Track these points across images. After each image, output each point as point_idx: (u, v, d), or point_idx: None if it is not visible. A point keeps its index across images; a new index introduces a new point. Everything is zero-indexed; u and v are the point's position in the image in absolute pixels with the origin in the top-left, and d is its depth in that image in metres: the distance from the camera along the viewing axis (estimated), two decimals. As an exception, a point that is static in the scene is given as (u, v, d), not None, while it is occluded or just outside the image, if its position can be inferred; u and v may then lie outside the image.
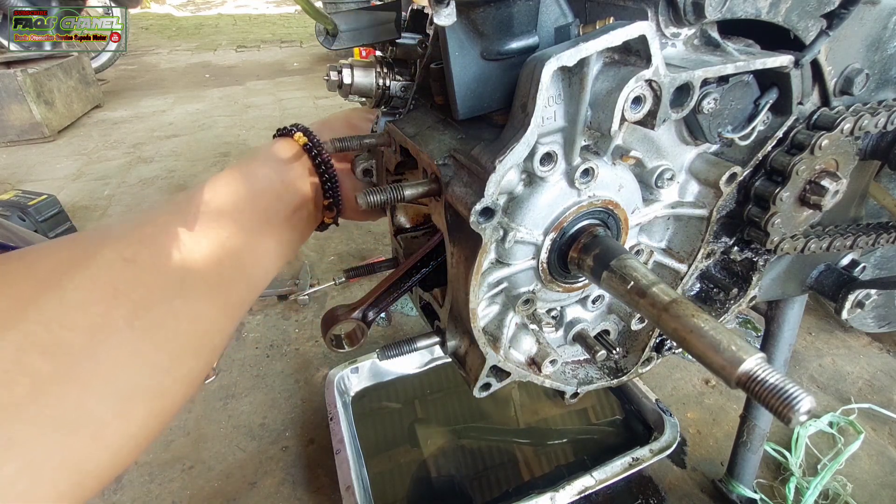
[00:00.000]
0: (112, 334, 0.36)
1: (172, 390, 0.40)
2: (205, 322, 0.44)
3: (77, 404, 0.33)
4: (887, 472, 1.30)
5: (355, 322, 0.53)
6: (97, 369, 0.34)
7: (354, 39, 0.66)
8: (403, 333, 1.82)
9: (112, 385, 0.35)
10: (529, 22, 0.47)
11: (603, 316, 0.64)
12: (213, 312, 0.45)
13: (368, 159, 0.67)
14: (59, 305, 0.34)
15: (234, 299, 0.48)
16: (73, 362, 0.33)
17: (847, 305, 0.75)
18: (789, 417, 0.30)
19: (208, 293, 0.44)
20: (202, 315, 0.44)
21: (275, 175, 0.57)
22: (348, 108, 0.76)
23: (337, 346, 0.52)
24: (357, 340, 0.54)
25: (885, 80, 0.60)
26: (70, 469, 0.33)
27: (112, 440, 0.35)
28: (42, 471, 0.31)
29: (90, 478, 0.34)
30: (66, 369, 0.33)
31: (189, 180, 3.01)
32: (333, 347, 0.52)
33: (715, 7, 0.44)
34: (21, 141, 3.57)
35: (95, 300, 0.36)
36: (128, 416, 0.36)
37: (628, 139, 0.50)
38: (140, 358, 0.37)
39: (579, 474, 1.11)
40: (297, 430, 1.44)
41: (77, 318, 0.35)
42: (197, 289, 0.43)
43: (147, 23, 8.92)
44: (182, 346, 0.41)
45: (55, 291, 0.35)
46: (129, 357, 0.37)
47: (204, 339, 0.44)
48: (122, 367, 0.36)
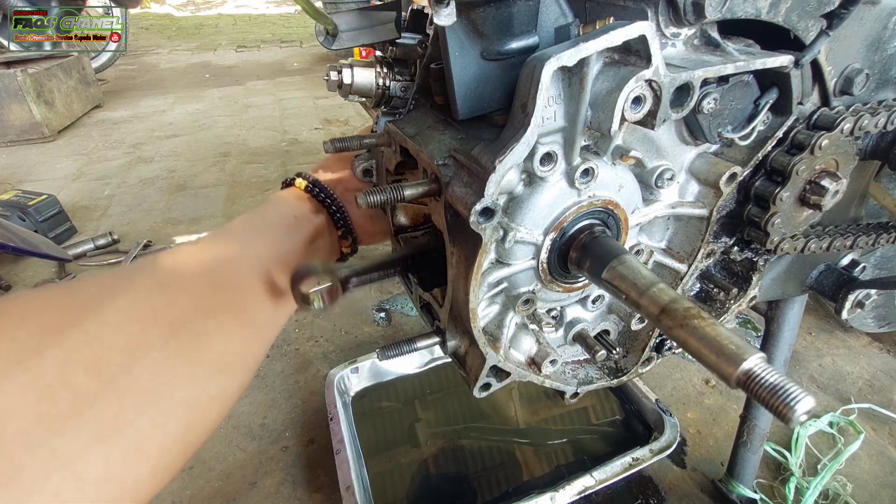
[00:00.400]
0: (149, 352, 0.38)
1: (207, 406, 0.43)
2: (236, 342, 0.46)
3: (116, 416, 0.35)
4: (887, 472, 1.30)
5: (331, 279, 0.47)
6: (135, 384, 0.36)
7: (354, 39, 0.66)
8: (403, 333, 1.82)
9: (149, 399, 0.37)
10: (529, 22, 0.47)
11: (603, 316, 0.64)
12: (243, 332, 0.48)
13: (368, 159, 0.67)
14: (100, 326, 0.37)
15: (263, 319, 0.51)
16: (112, 378, 0.35)
17: (847, 305, 0.75)
18: (789, 417, 0.30)
19: (237, 315, 0.47)
20: (233, 335, 0.46)
21: (287, 211, 0.63)
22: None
23: (305, 302, 0.46)
24: (332, 300, 0.47)
25: (885, 80, 0.60)
26: (112, 481, 0.34)
27: (151, 452, 0.37)
28: (85, 483, 0.32)
29: (131, 491, 0.36)
30: (105, 384, 0.35)
31: (189, 180, 3.01)
32: (302, 304, 0.46)
33: (715, 7, 0.44)
34: (21, 141, 3.57)
35: (133, 321, 0.39)
36: (165, 428, 0.38)
37: (628, 139, 0.50)
38: (175, 374, 0.39)
39: (579, 474, 1.11)
40: (297, 430, 1.44)
41: (116, 337, 0.37)
42: (226, 311, 0.46)
43: (147, 23, 8.92)
44: (214, 363, 0.43)
45: (96, 314, 0.37)
46: (165, 373, 0.39)
47: (235, 357, 0.46)
48: (159, 382, 0.38)
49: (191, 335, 0.42)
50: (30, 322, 0.35)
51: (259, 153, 3.38)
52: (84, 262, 2.20)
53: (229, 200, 2.75)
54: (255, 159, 3.29)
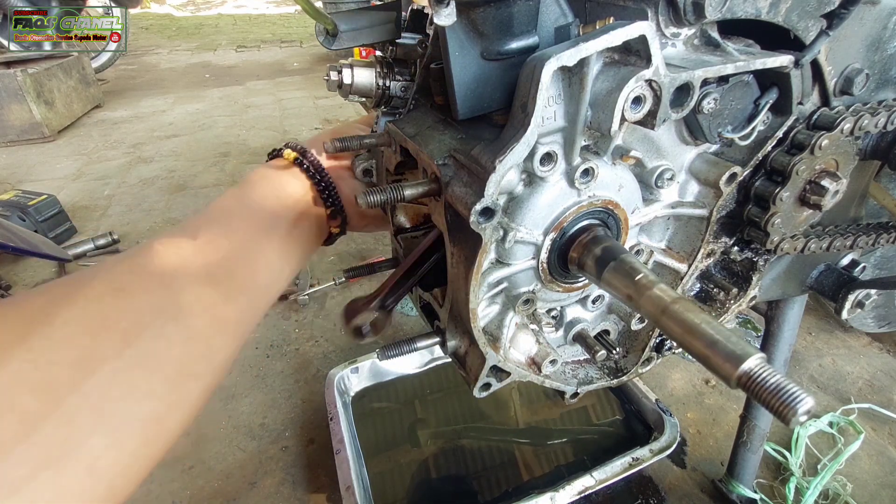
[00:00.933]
0: (100, 365, 0.36)
1: (169, 416, 0.40)
2: (201, 343, 0.43)
3: (66, 439, 0.33)
4: (887, 472, 1.30)
5: (376, 311, 0.54)
6: (85, 403, 0.34)
7: (354, 39, 0.66)
8: (403, 333, 1.82)
9: (101, 416, 0.35)
10: (529, 22, 0.47)
11: (603, 316, 0.64)
12: (211, 331, 0.44)
13: (368, 159, 0.67)
14: (47, 341, 0.34)
15: (233, 316, 0.47)
16: (59, 397, 0.33)
17: (847, 305, 0.75)
18: (789, 418, 0.30)
19: (203, 312, 0.44)
20: (199, 335, 0.43)
21: (268, 191, 0.57)
22: (340, 123, 0.78)
23: (357, 336, 0.53)
24: (380, 329, 0.54)
25: (885, 80, 0.60)
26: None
27: (106, 472, 0.35)
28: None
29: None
30: (53, 405, 0.33)
31: (189, 180, 3.01)
32: (355, 337, 0.52)
33: (715, 7, 0.44)
34: (21, 141, 3.57)
35: (83, 332, 0.36)
36: (121, 447, 0.36)
37: (628, 139, 0.50)
38: (131, 386, 0.37)
39: (579, 474, 1.11)
40: (297, 430, 1.44)
41: (65, 352, 0.35)
42: (191, 310, 0.43)
43: (147, 23, 8.92)
44: (177, 370, 0.41)
45: (43, 328, 0.35)
46: (119, 386, 0.36)
47: (202, 359, 0.43)
48: (112, 398, 0.36)
49: (148, 341, 0.39)
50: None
51: (259, 153, 3.38)
52: (84, 262, 2.20)
53: (229, 200, 2.75)
54: (256, 159, 3.29)
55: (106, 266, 0.43)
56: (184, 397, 0.41)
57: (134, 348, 0.38)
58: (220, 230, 0.50)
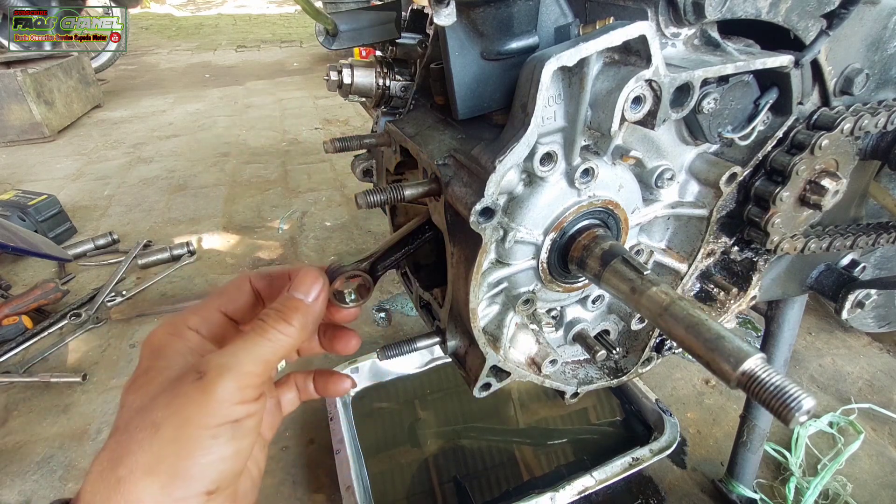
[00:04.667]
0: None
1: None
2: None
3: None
4: (887, 472, 1.30)
5: (362, 275, 0.49)
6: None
7: (354, 39, 0.66)
8: (403, 333, 1.82)
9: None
10: (529, 22, 0.47)
11: (603, 316, 0.64)
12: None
13: (368, 159, 0.67)
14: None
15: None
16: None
17: (847, 305, 0.75)
18: (789, 418, 0.30)
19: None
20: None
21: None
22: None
23: (339, 300, 0.48)
24: (365, 294, 0.50)
25: (885, 80, 0.60)
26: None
27: None
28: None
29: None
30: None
31: (189, 180, 3.01)
32: (336, 301, 0.48)
33: (715, 7, 0.44)
34: (21, 141, 3.57)
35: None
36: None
37: (628, 139, 0.50)
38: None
39: (579, 474, 1.11)
40: (297, 430, 1.44)
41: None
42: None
43: (147, 23, 8.92)
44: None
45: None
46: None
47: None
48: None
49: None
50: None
51: (259, 153, 3.38)
52: (84, 262, 2.20)
53: (229, 200, 2.75)
54: (255, 159, 3.29)
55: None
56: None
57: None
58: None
